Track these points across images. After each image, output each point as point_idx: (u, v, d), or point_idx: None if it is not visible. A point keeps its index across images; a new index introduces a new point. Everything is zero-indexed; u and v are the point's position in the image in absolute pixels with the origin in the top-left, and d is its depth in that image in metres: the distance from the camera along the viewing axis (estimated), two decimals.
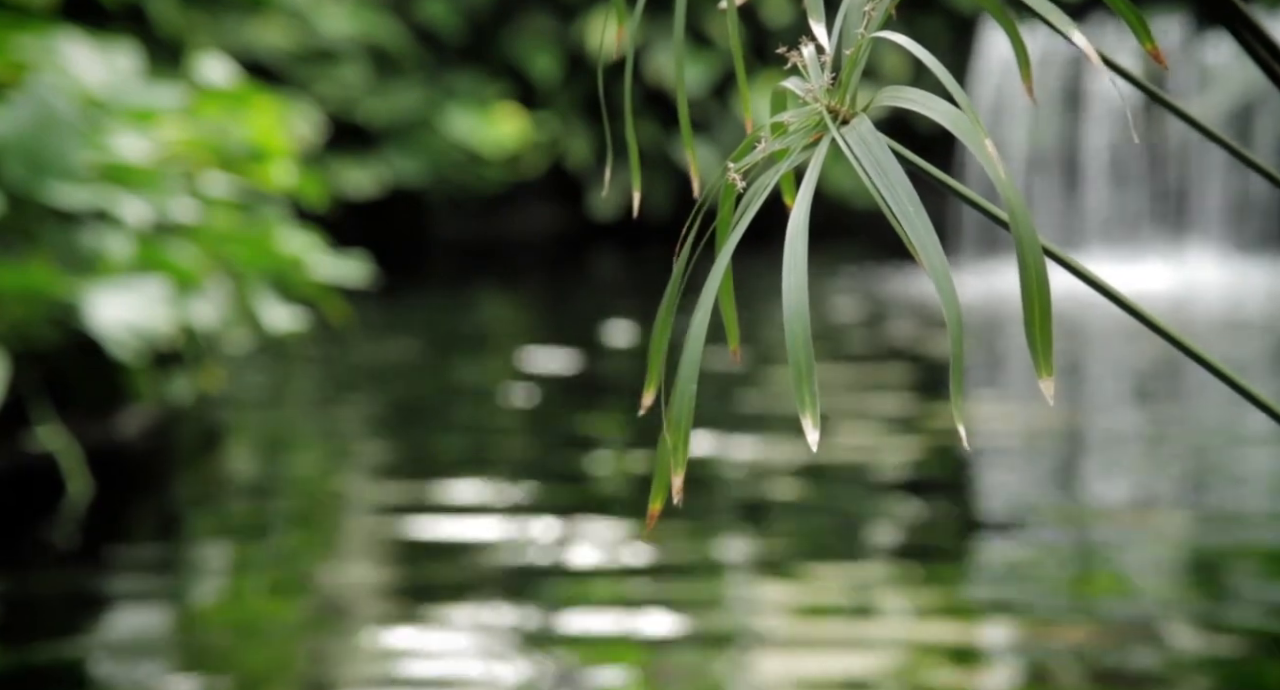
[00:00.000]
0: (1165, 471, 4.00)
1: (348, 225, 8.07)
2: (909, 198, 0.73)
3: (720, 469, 3.83)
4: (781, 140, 0.79)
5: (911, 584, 2.95)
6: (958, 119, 0.73)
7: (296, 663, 2.61)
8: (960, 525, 3.45)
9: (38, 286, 3.52)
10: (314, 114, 6.15)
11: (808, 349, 0.72)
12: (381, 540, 3.32)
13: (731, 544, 3.28)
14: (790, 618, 2.75)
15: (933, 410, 4.51)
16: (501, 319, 7.23)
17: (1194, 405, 4.87)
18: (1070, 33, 0.74)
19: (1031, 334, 0.72)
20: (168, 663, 2.62)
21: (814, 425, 0.71)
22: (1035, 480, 3.90)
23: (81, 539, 3.35)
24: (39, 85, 3.76)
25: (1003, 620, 2.77)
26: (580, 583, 2.97)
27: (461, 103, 9.18)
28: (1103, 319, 6.32)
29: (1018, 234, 0.71)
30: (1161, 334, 0.80)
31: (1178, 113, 0.92)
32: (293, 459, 4.34)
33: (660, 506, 0.76)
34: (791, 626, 2.70)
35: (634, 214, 0.85)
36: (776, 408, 4.58)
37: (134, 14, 7.88)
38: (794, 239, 0.73)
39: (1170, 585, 3.03)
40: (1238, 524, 3.46)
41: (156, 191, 3.91)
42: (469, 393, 5.21)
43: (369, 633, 2.74)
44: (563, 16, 9.63)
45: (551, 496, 3.62)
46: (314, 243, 4.57)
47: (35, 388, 3.67)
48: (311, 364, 5.64)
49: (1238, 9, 0.90)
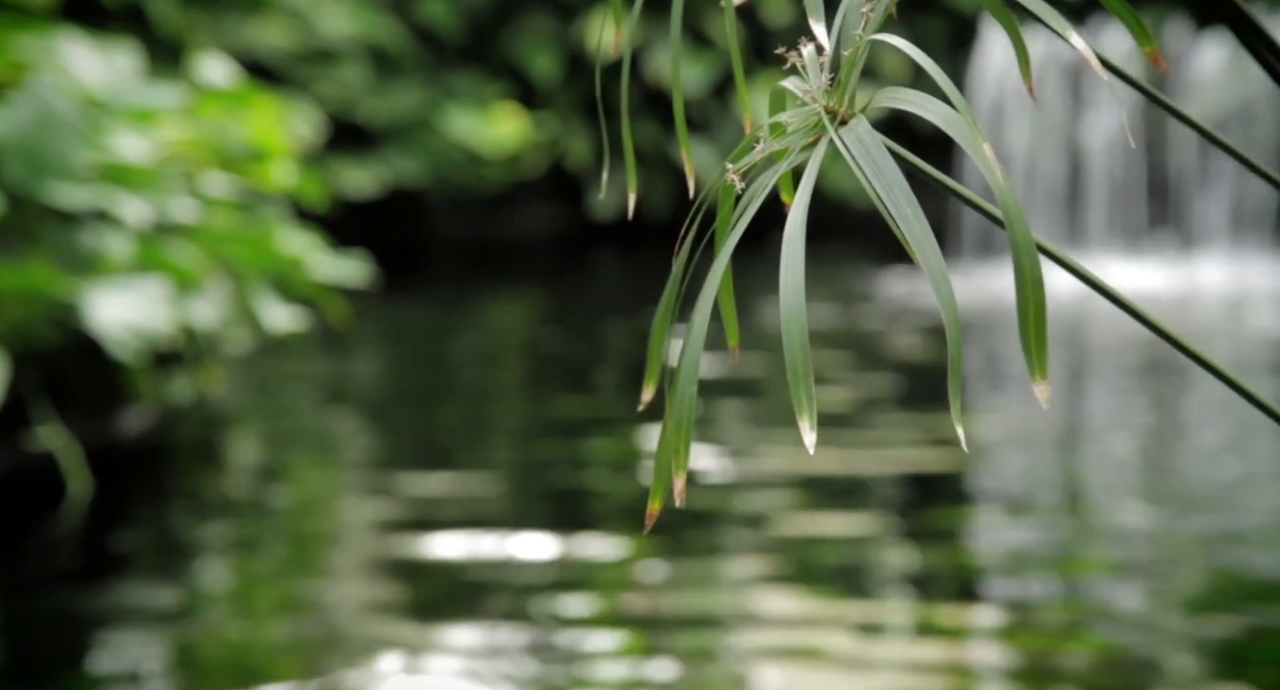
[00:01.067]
0: (1162, 489, 4.00)
1: (348, 225, 8.07)
2: (907, 199, 0.73)
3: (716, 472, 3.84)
4: (780, 141, 0.79)
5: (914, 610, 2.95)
6: (955, 121, 0.73)
7: (295, 669, 2.61)
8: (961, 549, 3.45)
9: (38, 286, 3.52)
10: (314, 114, 6.15)
11: (805, 351, 0.72)
12: (381, 542, 3.32)
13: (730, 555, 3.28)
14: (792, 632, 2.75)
15: (930, 416, 4.51)
16: (502, 319, 7.23)
17: (1194, 406, 4.87)
18: (1069, 36, 0.74)
19: (1026, 337, 0.72)
20: (167, 662, 2.62)
21: (811, 427, 0.71)
22: (1035, 484, 3.90)
23: (80, 539, 3.35)
24: (39, 85, 3.76)
25: (1004, 643, 2.77)
26: (578, 596, 2.97)
27: (461, 103, 9.18)
28: (1103, 320, 6.32)
29: (1013, 237, 0.71)
30: (1162, 335, 0.80)
31: (1178, 115, 0.92)
32: (292, 459, 4.34)
33: (659, 507, 0.76)
34: (792, 640, 2.70)
35: (631, 215, 0.85)
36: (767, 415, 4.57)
37: (134, 14, 7.88)
38: (792, 240, 0.73)
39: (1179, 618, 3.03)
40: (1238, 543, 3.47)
41: (156, 191, 3.91)
42: (469, 393, 5.21)
43: (367, 639, 2.74)
44: (563, 16, 9.63)
45: (552, 503, 3.62)
46: (314, 243, 4.57)
47: (35, 388, 3.67)
48: (311, 363, 5.64)
49: (1238, 8, 0.90)
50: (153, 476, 4.00)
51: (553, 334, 6.52)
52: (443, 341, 6.35)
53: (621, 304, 7.29)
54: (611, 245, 9.49)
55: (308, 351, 5.62)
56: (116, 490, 3.70)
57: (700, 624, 2.73)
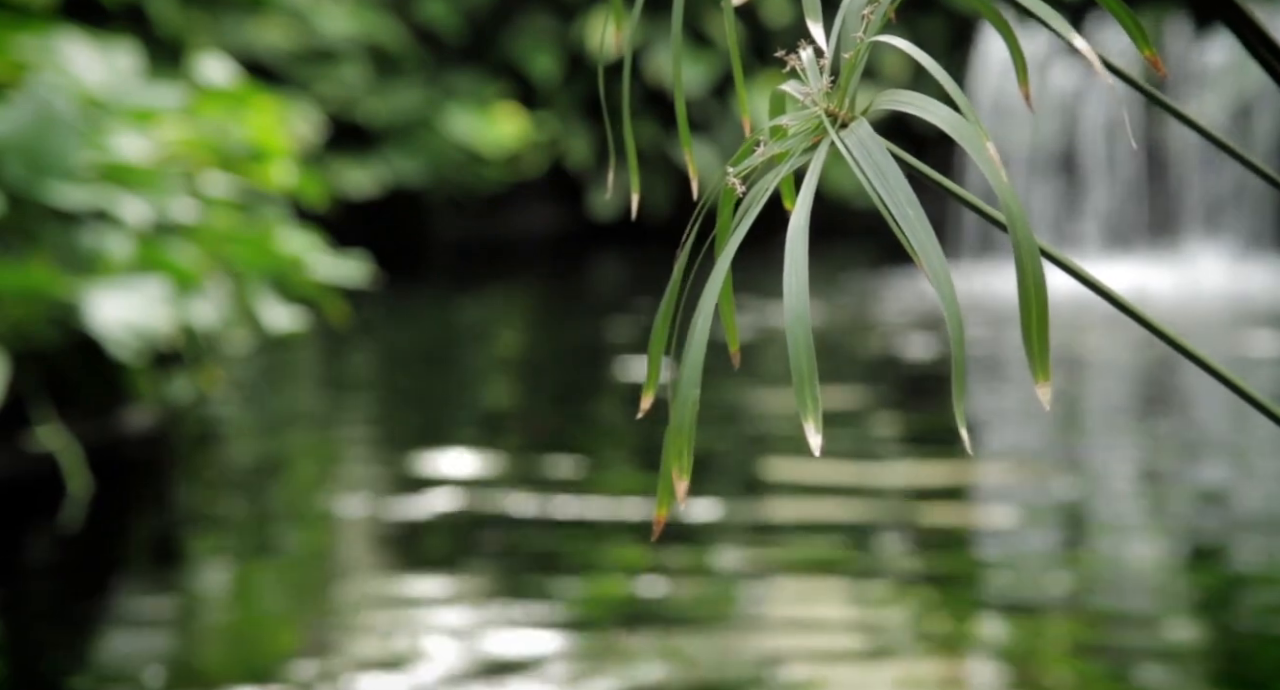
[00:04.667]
0: (1166, 504, 4.00)
1: (348, 225, 8.06)
2: (908, 201, 0.73)
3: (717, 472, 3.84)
4: (781, 144, 0.79)
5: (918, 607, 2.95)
6: (957, 123, 0.73)
7: (295, 668, 2.61)
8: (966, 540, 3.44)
9: (38, 286, 3.52)
10: (314, 114, 6.15)
11: (809, 353, 0.72)
12: (382, 540, 3.32)
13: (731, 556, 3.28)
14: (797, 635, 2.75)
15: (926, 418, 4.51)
16: (502, 318, 7.23)
17: (1193, 408, 4.87)
18: (1071, 37, 0.74)
19: (1029, 338, 0.72)
20: (167, 662, 2.62)
21: (816, 429, 0.71)
22: (1036, 487, 3.90)
23: (81, 539, 3.35)
24: (39, 85, 3.76)
25: (1001, 655, 2.77)
26: (584, 589, 2.97)
27: (461, 103, 9.18)
28: (1103, 322, 6.32)
29: (1015, 238, 0.71)
30: (1162, 336, 0.80)
31: (1178, 115, 0.92)
32: (292, 459, 4.34)
33: (666, 513, 0.76)
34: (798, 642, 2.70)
35: (633, 216, 0.85)
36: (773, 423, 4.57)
37: (134, 14, 7.88)
38: (794, 242, 0.73)
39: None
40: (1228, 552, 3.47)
41: (156, 191, 3.91)
42: (470, 393, 5.21)
43: (368, 638, 2.74)
44: (563, 16, 9.63)
45: (554, 503, 3.62)
46: (314, 243, 4.57)
47: (35, 388, 3.67)
48: (311, 363, 5.64)
49: (1238, 8, 0.90)
50: (153, 476, 3.99)
51: (552, 333, 6.52)
52: (442, 341, 6.35)
53: (622, 304, 7.29)
54: (612, 245, 9.48)
55: (308, 351, 5.62)
56: (116, 490, 3.70)
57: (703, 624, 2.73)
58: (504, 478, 3.85)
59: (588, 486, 3.73)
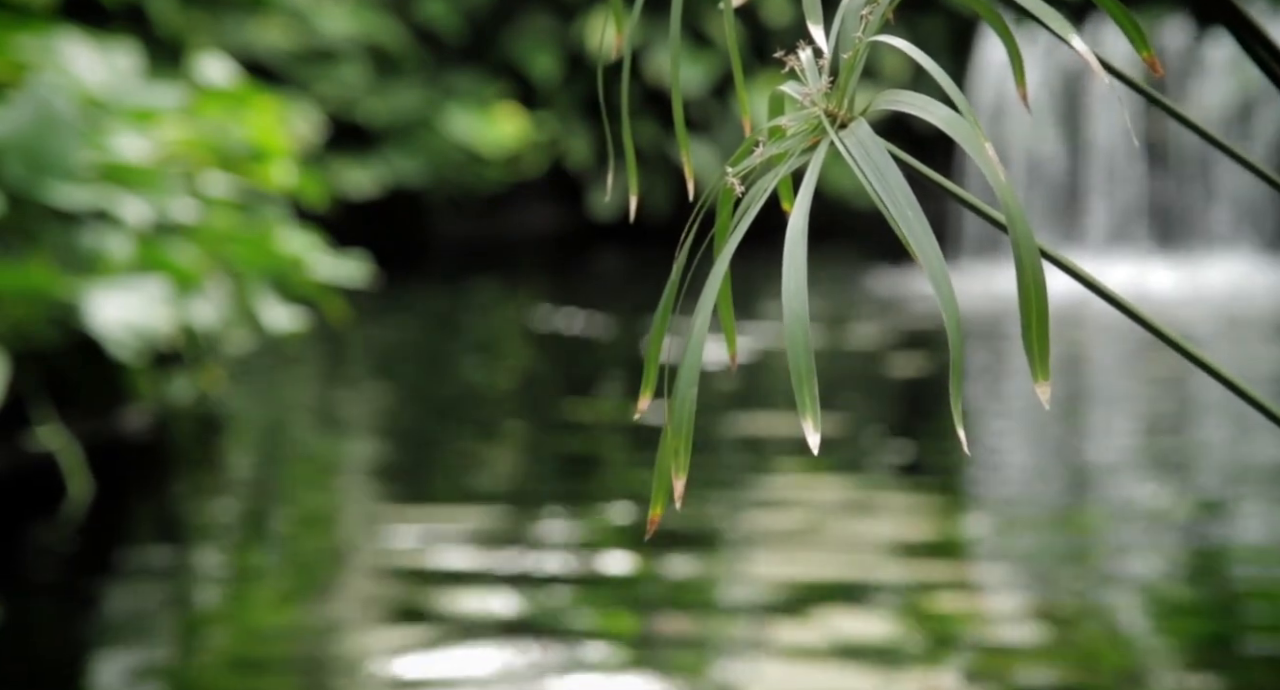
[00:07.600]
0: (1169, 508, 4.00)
1: (348, 225, 8.07)
2: (908, 201, 0.73)
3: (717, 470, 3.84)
4: (780, 144, 0.79)
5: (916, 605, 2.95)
6: (956, 123, 0.73)
7: (295, 668, 2.61)
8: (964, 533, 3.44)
9: (38, 286, 3.52)
10: (314, 114, 6.15)
11: (808, 353, 0.72)
12: (382, 543, 3.32)
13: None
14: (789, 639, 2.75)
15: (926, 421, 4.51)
16: (501, 318, 7.23)
17: (1195, 410, 4.87)
18: (1070, 38, 0.74)
19: (1028, 338, 0.72)
20: (167, 662, 2.62)
21: (815, 428, 0.71)
22: (1037, 489, 3.90)
23: (81, 540, 3.35)
24: (39, 85, 3.76)
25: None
26: (588, 602, 2.97)
27: (461, 103, 9.18)
28: (1102, 321, 6.32)
29: (1015, 238, 0.71)
30: (1162, 337, 0.80)
31: (1178, 116, 0.92)
32: (292, 459, 4.34)
33: (661, 512, 0.76)
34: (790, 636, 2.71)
35: (633, 216, 0.85)
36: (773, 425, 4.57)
37: (134, 14, 7.88)
38: (793, 243, 0.73)
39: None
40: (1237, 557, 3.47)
41: (156, 191, 3.91)
42: (470, 393, 5.21)
43: (368, 639, 2.74)
44: (563, 16, 9.63)
45: (554, 504, 3.62)
46: (314, 243, 4.57)
47: (35, 388, 3.67)
48: (311, 363, 5.64)
49: (1236, 9, 0.90)
50: (153, 476, 3.99)
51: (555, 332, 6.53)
52: (442, 341, 6.35)
53: (623, 303, 7.29)
54: (612, 245, 9.48)
55: (307, 351, 5.62)
56: (116, 490, 3.70)
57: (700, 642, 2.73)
58: (504, 477, 3.85)
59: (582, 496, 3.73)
